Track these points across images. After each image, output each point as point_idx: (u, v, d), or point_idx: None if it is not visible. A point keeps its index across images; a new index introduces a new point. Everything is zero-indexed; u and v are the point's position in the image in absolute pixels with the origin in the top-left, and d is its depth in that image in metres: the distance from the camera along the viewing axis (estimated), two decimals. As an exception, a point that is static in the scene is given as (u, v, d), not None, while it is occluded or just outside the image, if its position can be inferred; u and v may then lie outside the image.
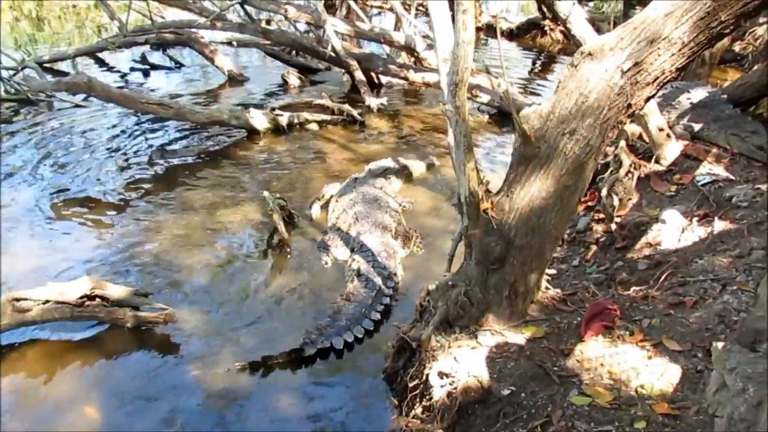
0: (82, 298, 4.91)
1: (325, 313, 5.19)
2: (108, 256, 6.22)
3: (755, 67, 8.53)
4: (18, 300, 4.79)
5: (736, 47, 12.12)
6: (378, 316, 5.18)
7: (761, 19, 11.38)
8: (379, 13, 20.15)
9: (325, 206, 7.23)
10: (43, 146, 9.26)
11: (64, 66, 13.67)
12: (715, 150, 6.04)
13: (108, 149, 9.20)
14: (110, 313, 5.00)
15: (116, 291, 5.04)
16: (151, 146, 9.34)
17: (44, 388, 4.52)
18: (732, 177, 5.48)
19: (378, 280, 5.53)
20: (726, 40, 10.36)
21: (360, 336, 4.94)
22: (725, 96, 6.82)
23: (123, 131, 9.99)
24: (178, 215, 7.09)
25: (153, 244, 6.42)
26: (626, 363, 3.46)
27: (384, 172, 7.66)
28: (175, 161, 8.79)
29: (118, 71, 13.96)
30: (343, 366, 4.80)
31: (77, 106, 11.02)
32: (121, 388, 4.53)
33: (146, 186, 7.91)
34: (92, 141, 9.53)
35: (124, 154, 9.03)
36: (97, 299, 4.98)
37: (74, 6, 20.66)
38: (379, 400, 4.38)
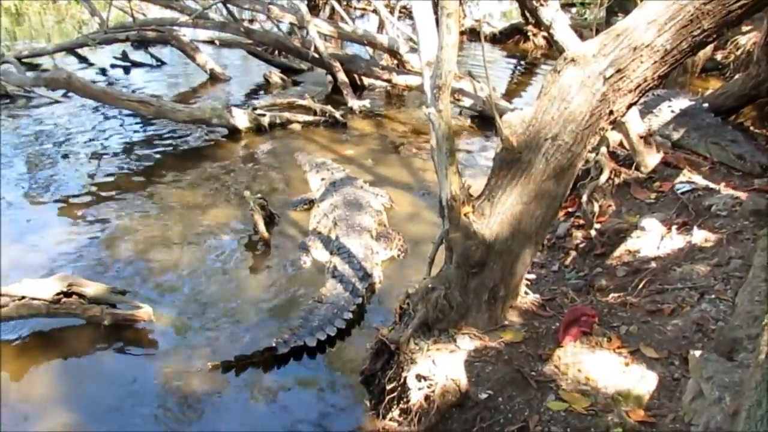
0: (58, 294, 4.87)
1: (300, 314, 5.18)
2: (85, 253, 6.15)
3: (736, 76, 8.61)
4: (-8, 296, 4.74)
5: (718, 56, 12.21)
6: (350, 315, 5.16)
7: (744, 28, 11.48)
8: (363, 15, 20.14)
9: (309, 209, 7.21)
10: (20, 142, 9.17)
11: (43, 62, 13.54)
12: (695, 158, 6.08)
13: (86, 146, 9.12)
14: (86, 310, 4.95)
15: (93, 288, 5.00)
16: (130, 144, 9.27)
17: (19, 387, 4.46)
18: (711, 185, 5.52)
19: (352, 281, 5.52)
20: (708, 49, 10.46)
21: (332, 334, 4.91)
22: (706, 105, 6.87)
23: (102, 129, 9.92)
24: (158, 214, 7.03)
25: (131, 242, 6.36)
26: (603, 369, 3.47)
27: None
28: (155, 160, 8.73)
29: (99, 68, 13.84)
30: (318, 367, 4.78)
31: (56, 102, 10.93)
32: (96, 387, 4.48)
33: (125, 184, 7.84)
34: (70, 138, 9.44)
35: (103, 151, 8.95)
36: (74, 296, 4.93)
37: (54, 2, 20.47)
38: (356, 403, 4.36)
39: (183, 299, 5.50)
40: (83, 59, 14.44)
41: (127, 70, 13.75)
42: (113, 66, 13.93)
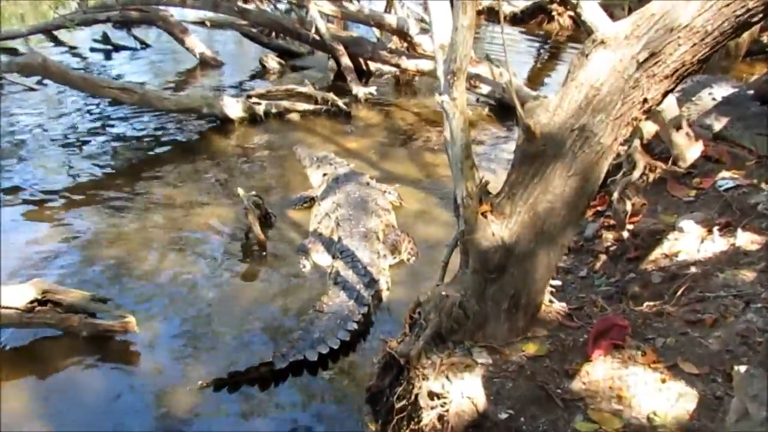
0: (32, 302, 4.88)
1: (300, 325, 5.17)
2: (62, 257, 6.17)
3: (785, 61, 8.57)
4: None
5: (765, 38, 12.16)
6: (355, 325, 5.16)
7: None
8: (369, -7, 20.16)
9: (309, 208, 7.21)
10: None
11: (16, 45, 13.59)
12: (739, 151, 6.05)
13: (64, 139, 9.14)
14: (63, 320, 4.97)
15: (70, 296, 5.01)
16: (111, 136, 9.30)
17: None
18: (757, 182, 5.48)
19: (357, 288, 5.51)
20: (754, 30, 10.40)
21: (335, 347, 4.91)
22: (751, 92, 6.83)
23: (81, 119, 9.96)
24: (143, 213, 7.05)
25: (113, 245, 6.38)
26: (637, 386, 3.45)
27: None
28: (139, 154, 8.75)
29: (77, 52, 13.89)
30: (320, 384, 4.77)
31: (30, 89, 10.96)
32: (73, 405, 4.49)
33: (106, 181, 7.86)
34: (46, 130, 9.47)
35: (82, 145, 8.98)
36: (49, 304, 4.94)
37: (28, -22, 20.56)
38: (361, 423, 4.35)
39: (170, 308, 5.50)
40: (60, 42, 14.48)
41: (108, 54, 13.81)
42: (93, 50, 14.00)
